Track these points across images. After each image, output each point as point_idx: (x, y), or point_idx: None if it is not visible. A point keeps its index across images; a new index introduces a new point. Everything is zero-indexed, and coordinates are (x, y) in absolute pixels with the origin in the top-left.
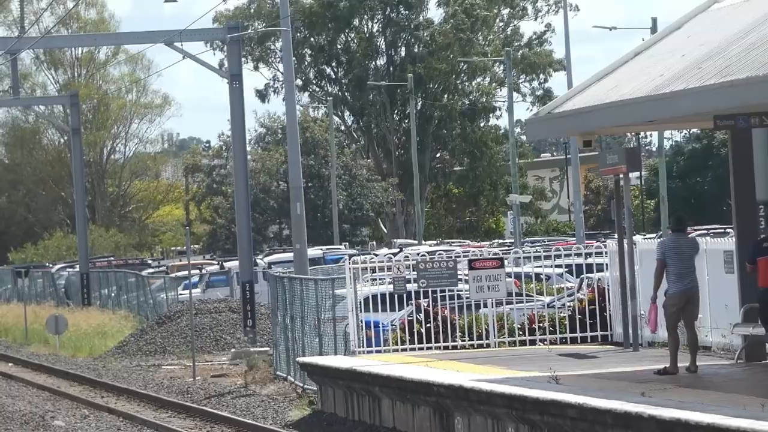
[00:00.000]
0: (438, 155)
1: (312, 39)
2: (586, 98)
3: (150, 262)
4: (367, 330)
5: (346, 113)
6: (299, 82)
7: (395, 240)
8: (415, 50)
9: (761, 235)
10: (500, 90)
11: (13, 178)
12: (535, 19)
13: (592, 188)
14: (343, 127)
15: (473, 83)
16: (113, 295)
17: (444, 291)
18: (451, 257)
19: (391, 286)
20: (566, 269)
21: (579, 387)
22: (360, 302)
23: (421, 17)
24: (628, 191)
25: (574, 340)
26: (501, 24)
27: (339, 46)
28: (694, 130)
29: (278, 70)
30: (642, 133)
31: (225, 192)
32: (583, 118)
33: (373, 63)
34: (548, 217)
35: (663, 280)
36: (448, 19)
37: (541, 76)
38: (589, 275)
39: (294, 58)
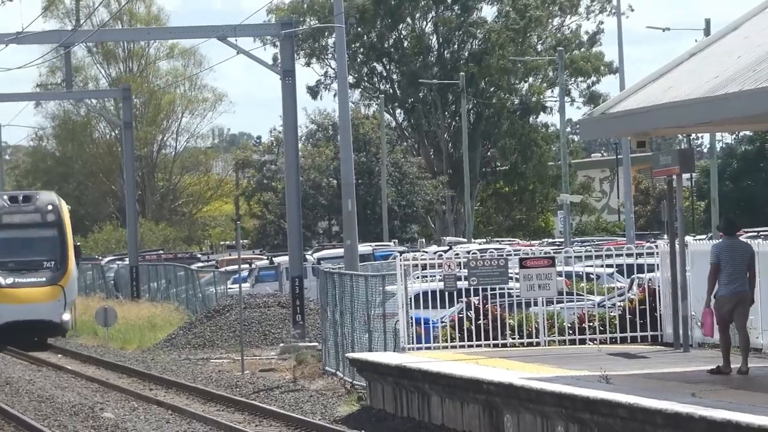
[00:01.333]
0: (488, 153)
1: (364, 36)
2: (641, 99)
3: (199, 256)
4: (417, 327)
5: (397, 111)
6: (351, 79)
7: (445, 237)
8: (467, 48)
9: None
10: (551, 91)
11: (64, 171)
12: (587, 19)
13: (641, 189)
14: (393, 125)
15: (524, 83)
16: (162, 288)
17: (494, 289)
18: (502, 255)
19: (442, 283)
20: (616, 269)
21: (629, 387)
22: (410, 299)
23: (474, 15)
24: (680, 192)
25: (624, 340)
26: (554, 23)
27: (391, 43)
28: (747, 132)
29: (330, 66)
30: (693, 135)
31: (275, 188)
32: (637, 119)
33: (425, 60)
34: (597, 216)
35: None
36: (500, 18)
37: (592, 77)
38: (640, 275)
39: (346, 54)
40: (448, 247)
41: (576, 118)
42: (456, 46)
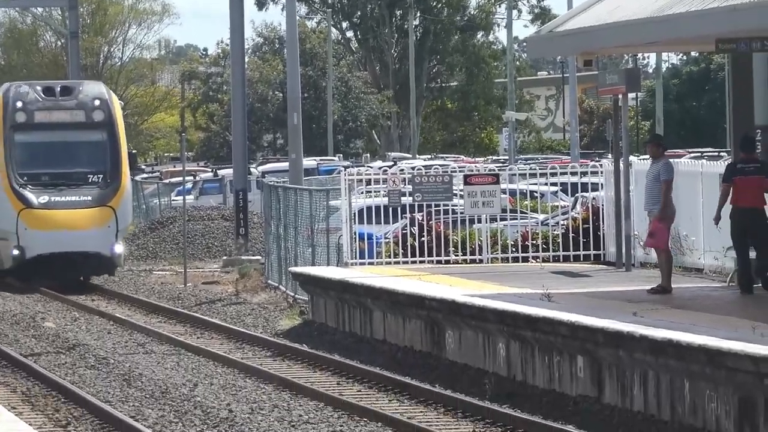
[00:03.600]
0: (434, 70)
1: None
2: (589, 18)
3: (143, 167)
4: (361, 242)
5: (344, 24)
6: None
7: (389, 153)
8: None
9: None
10: (499, 7)
11: (9, 79)
12: None
13: (585, 108)
14: (340, 39)
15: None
16: None
17: (439, 206)
18: (447, 172)
19: (386, 199)
20: (560, 188)
21: (571, 305)
22: (354, 214)
23: None
24: (626, 112)
25: (567, 259)
26: None
27: None
28: (692, 53)
29: None
30: (640, 55)
31: (221, 100)
32: (585, 38)
33: None
34: (538, 133)
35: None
36: None
37: None
38: (584, 194)
39: None
40: (392, 163)
41: (524, 36)
42: None
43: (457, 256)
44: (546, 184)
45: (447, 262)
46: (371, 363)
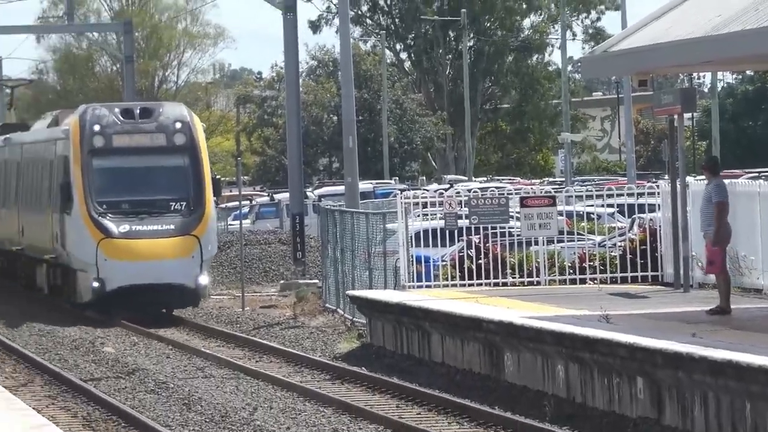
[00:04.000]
0: (489, 91)
1: None
2: (643, 37)
3: None
4: (418, 265)
5: (398, 46)
6: (352, 14)
7: (445, 176)
8: None
9: None
10: (554, 28)
11: (65, 104)
12: None
13: (641, 129)
14: (394, 61)
15: (527, 20)
16: None
17: (495, 228)
18: (503, 194)
19: (442, 221)
20: (617, 209)
21: (629, 326)
22: (411, 237)
23: None
24: (681, 132)
25: (624, 280)
26: None
27: None
28: (748, 72)
29: (331, 1)
30: (695, 74)
31: (276, 124)
32: (639, 57)
33: None
34: (594, 156)
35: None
36: None
37: (593, 13)
38: (641, 215)
39: None
40: (448, 185)
41: (578, 56)
42: None
43: (514, 278)
44: (603, 205)
45: (504, 284)
46: (430, 385)
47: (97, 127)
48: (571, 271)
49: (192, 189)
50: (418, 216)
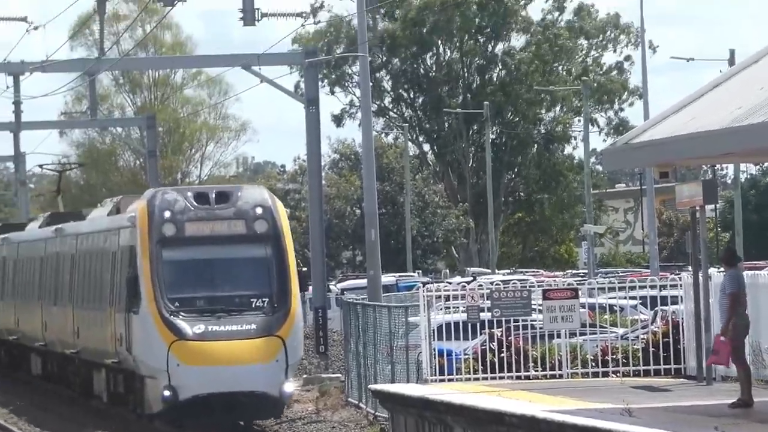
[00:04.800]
0: (512, 183)
1: (389, 65)
2: (664, 129)
3: None
4: (440, 358)
5: (420, 138)
6: (375, 107)
7: (468, 268)
8: (494, 77)
9: None
10: (577, 120)
11: (89, 198)
12: (614, 51)
13: (664, 220)
14: (417, 153)
15: (549, 113)
16: None
17: (517, 320)
18: (525, 287)
19: (465, 314)
20: (640, 301)
21: (652, 420)
22: (433, 330)
23: (500, 45)
24: (704, 223)
25: (647, 373)
26: (581, 53)
27: (417, 70)
28: None
29: (354, 94)
30: (718, 165)
31: (299, 217)
32: (660, 149)
33: (452, 89)
34: (616, 245)
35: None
36: (530, 47)
37: (616, 105)
38: (664, 307)
39: (371, 82)
40: (471, 278)
41: (601, 148)
42: (482, 76)
43: (537, 371)
44: (625, 297)
45: (527, 377)
46: None
47: (167, 214)
48: (594, 364)
49: (276, 283)
50: (441, 309)
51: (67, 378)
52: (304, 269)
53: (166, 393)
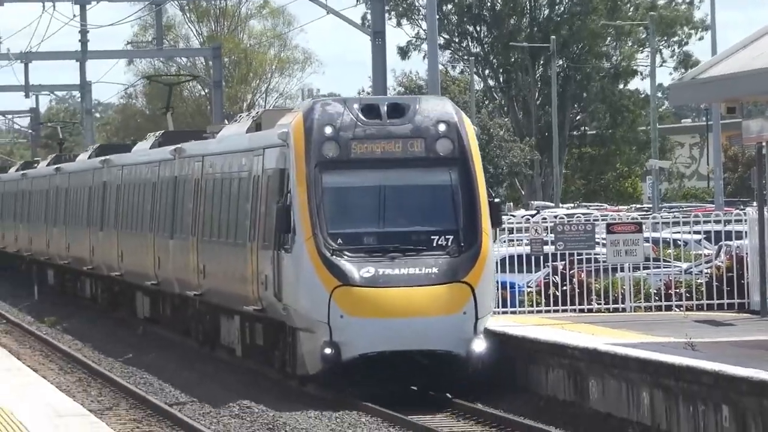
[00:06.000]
0: (578, 117)
1: None
2: (732, 65)
3: None
4: (503, 291)
5: (486, 71)
6: (441, 40)
7: (532, 201)
8: (562, 11)
9: None
10: (642, 53)
11: (153, 128)
12: None
13: (729, 156)
14: (483, 86)
15: (615, 46)
16: None
17: (581, 254)
18: (589, 221)
19: (528, 247)
20: (704, 236)
21: (714, 354)
22: (497, 262)
23: None
24: None
25: (710, 307)
26: None
27: (487, 3)
28: None
29: (421, 27)
30: None
31: None
32: (728, 85)
33: (518, 23)
34: (680, 182)
35: None
36: None
37: (682, 35)
38: (728, 242)
39: (438, 15)
40: (535, 212)
41: (667, 83)
42: (549, 10)
43: (600, 304)
44: (689, 232)
45: (589, 310)
46: (513, 412)
47: (328, 130)
48: (657, 298)
49: (463, 217)
50: (504, 241)
51: (184, 323)
52: (497, 200)
53: (327, 351)
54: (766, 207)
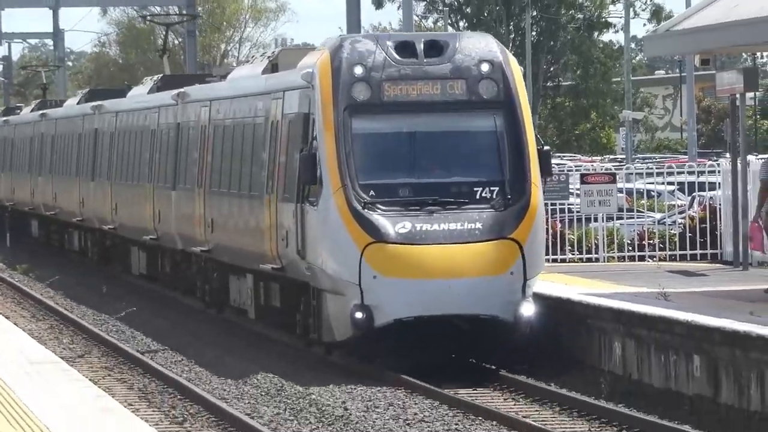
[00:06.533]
0: (551, 69)
1: None
2: (707, 16)
3: None
4: None
5: (460, 23)
6: None
7: None
8: None
9: None
10: (615, 5)
11: (126, 77)
12: None
13: (703, 107)
14: None
15: None
16: None
17: (555, 204)
18: (563, 171)
19: None
20: (678, 187)
21: (687, 304)
22: None
23: None
24: (743, 111)
25: (683, 258)
26: None
27: None
28: None
29: None
30: (758, 54)
31: None
32: (701, 37)
33: None
34: (652, 135)
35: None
36: None
37: None
38: (701, 193)
39: None
40: None
41: (641, 35)
42: None
43: (573, 254)
44: (663, 183)
45: (563, 260)
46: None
47: (359, 70)
48: (630, 248)
49: (509, 166)
50: None
51: (186, 281)
52: (546, 148)
53: (358, 315)
54: (739, 158)
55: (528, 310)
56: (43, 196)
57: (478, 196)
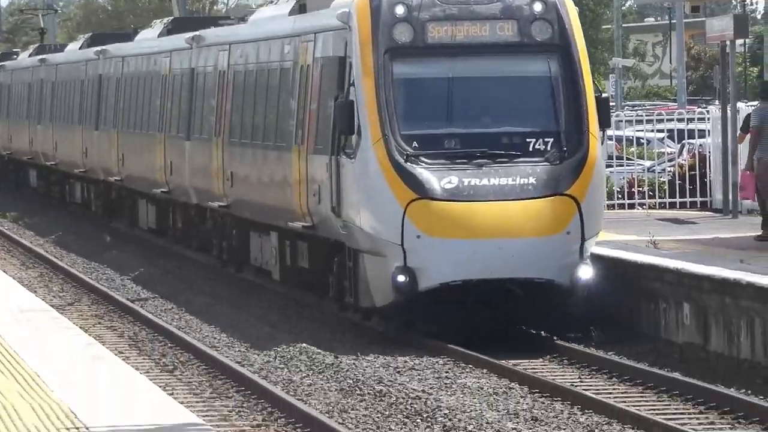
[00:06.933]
0: None
1: None
2: None
3: None
4: None
5: None
6: None
7: None
8: None
9: None
10: None
11: (115, 24)
12: None
13: (692, 54)
14: None
15: None
16: None
17: None
18: None
19: None
20: (667, 134)
21: (677, 252)
22: None
23: None
24: (733, 58)
25: (673, 206)
26: None
27: None
28: None
29: None
30: (748, 0)
31: None
32: None
33: None
34: (643, 82)
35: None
36: None
37: None
38: (691, 141)
39: None
40: None
41: None
42: None
43: None
44: (652, 130)
45: None
46: None
47: (401, 10)
48: (620, 196)
49: (565, 116)
50: None
51: (200, 238)
52: (605, 95)
53: (400, 278)
54: (729, 105)
55: (586, 273)
56: (43, 145)
57: (531, 148)
